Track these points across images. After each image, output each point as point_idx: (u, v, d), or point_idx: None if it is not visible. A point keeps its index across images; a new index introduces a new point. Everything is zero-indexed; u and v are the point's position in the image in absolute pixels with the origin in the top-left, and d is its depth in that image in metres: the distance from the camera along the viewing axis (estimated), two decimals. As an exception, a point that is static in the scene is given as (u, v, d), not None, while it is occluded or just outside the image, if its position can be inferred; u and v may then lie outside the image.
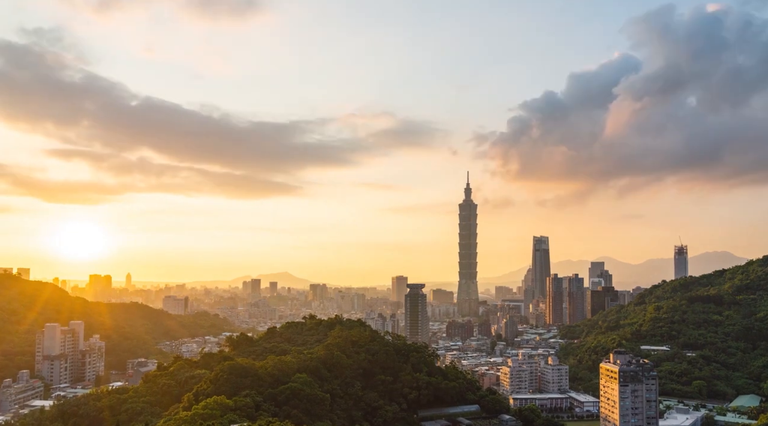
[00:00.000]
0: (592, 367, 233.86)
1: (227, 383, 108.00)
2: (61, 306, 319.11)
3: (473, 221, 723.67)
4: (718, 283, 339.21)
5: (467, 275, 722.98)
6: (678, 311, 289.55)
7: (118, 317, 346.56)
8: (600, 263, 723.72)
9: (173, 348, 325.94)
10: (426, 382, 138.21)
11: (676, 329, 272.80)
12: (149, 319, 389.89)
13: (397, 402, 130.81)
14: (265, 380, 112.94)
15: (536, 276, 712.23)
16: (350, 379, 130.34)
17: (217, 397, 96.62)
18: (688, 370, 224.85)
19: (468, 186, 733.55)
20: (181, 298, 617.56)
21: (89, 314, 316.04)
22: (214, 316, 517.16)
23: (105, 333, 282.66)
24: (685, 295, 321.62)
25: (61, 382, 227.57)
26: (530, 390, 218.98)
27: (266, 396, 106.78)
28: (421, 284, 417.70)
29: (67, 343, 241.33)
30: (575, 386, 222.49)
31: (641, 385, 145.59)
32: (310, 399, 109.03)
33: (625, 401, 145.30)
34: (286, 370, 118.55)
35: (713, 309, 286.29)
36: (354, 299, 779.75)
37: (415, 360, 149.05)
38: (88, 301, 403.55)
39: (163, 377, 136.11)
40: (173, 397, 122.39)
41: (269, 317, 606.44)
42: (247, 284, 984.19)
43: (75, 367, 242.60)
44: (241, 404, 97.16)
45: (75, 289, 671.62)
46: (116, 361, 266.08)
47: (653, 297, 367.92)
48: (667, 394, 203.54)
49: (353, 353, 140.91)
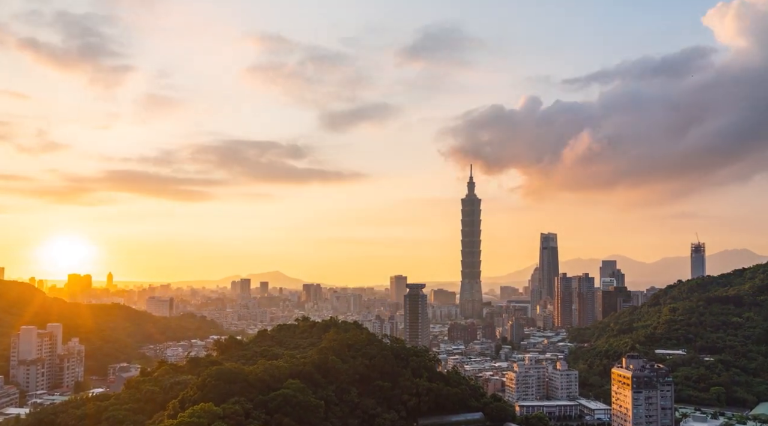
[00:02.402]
0: (603, 372, 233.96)
1: (215, 389, 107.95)
2: (37, 307, 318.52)
3: (477, 217, 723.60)
4: (737, 282, 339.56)
5: (470, 275, 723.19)
6: (695, 313, 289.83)
7: (98, 319, 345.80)
8: (611, 262, 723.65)
9: (157, 352, 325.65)
10: (426, 388, 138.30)
11: (693, 332, 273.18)
12: (132, 321, 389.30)
13: (396, 409, 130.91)
14: (256, 386, 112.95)
15: (544, 275, 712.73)
16: (346, 385, 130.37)
17: (204, 405, 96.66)
18: (705, 376, 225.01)
19: (471, 179, 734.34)
20: (165, 298, 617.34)
21: (68, 316, 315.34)
22: (201, 318, 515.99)
23: (85, 336, 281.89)
24: (703, 295, 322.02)
25: (37, 388, 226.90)
26: (537, 397, 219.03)
27: (256, 403, 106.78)
28: (421, 284, 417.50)
29: (44, 347, 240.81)
30: (585, 393, 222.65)
31: (656, 391, 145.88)
32: (303, 406, 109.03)
33: (638, 409, 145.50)
34: (278, 375, 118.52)
35: (732, 310, 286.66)
36: (350, 300, 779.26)
37: (415, 365, 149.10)
38: (67, 302, 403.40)
39: (147, 383, 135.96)
40: (157, 404, 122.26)
41: (260, 319, 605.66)
42: (236, 284, 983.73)
43: (52, 372, 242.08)
44: (230, 412, 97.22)
45: (53, 289, 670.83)
46: (97, 366, 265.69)
47: (668, 298, 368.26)
48: (683, 401, 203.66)
49: (349, 357, 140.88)
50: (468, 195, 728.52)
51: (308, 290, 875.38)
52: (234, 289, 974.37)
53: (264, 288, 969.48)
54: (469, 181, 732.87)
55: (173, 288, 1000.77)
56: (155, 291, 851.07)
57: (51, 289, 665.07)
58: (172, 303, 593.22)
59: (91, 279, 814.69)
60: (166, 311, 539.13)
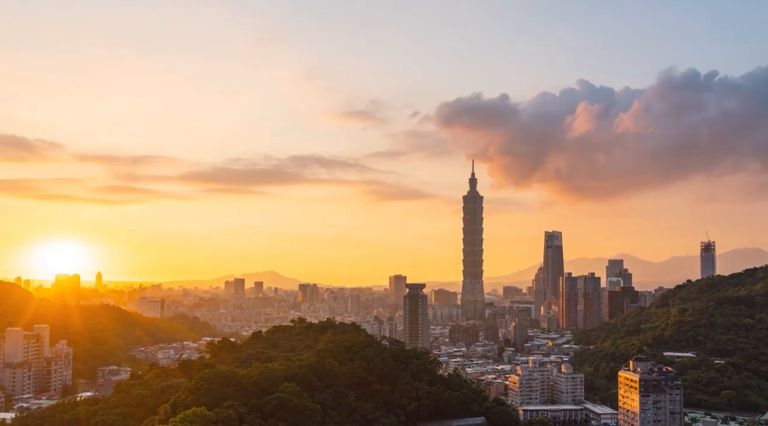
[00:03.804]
0: (609, 375, 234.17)
1: (208, 393, 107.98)
2: (23, 308, 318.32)
3: (479, 215, 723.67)
4: (749, 283, 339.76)
5: (472, 274, 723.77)
6: (705, 314, 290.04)
7: (87, 320, 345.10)
8: (618, 261, 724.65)
9: (148, 354, 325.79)
10: (427, 391, 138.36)
11: (703, 334, 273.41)
12: (122, 322, 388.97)
13: (395, 414, 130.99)
14: (250, 390, 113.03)
15: (548, 275, 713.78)
16: (343, 389, 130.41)
17: (196, 409, 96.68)
18: (716, 379, 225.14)
19: (473, 176, 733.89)
20: (156, 299, 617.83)
21: (55, 317, 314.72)
22: (194, 319, 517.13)
23: (73, 338, 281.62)
24: (713, 296, 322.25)
25: (24, 392, 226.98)
26: (541, 401, 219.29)
27: (251, 407, 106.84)
28: (421, 284, 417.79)
29: (31, 350, 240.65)
30: (591, 397, 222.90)
31: (664, 395, 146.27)
32: (298, 410, 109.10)
33: (646, 413, 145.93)
34: (273, 378, 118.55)
35: (744, 311, 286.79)
36: (347, 300, 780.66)
37: (415, 367, 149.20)
38: (54, 302, 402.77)
39: (137, 387, 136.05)
40: (148, 408, 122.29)
41: (254, 320, 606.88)
42: (230, 284, 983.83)
43: (39, 375, 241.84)
44: (223, 416, 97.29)
45: (39, 289, 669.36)
46: (85, 369, 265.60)
47: (677, 298, 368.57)
48: (692, 405, 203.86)
49: (347, 360, 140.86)
50: (470, 192, 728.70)
51: (304, 290, 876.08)
52: (227, 290, 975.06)
53: (258, 288, 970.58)
54: (470, 177, 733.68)
55: (164, 288, 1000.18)
56: (146, 291, 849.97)
57: (38, 289, 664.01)
58: (163, 304, 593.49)
59: (79, 279, 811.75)
60: (157, 312, 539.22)
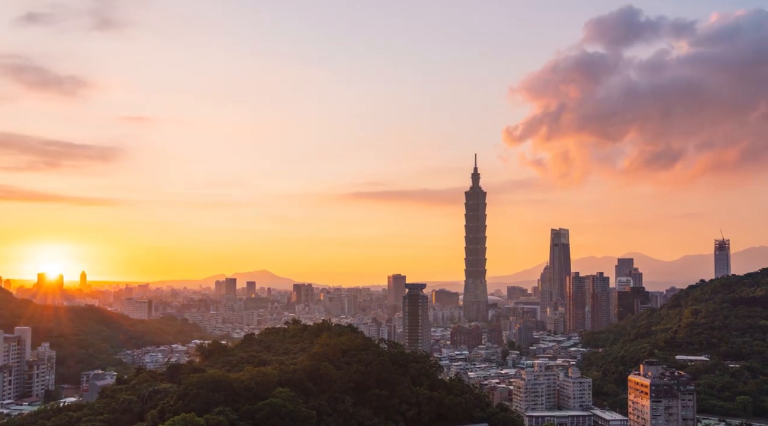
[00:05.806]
0: (619, 380, 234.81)
1: (197, 399, 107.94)
2: (4, 309, 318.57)
3: (482, 211, 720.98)
4: (765, 282, 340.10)
5: (475, 274, 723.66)
6: (719, 315, 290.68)
7: (71, 322, 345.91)
8: (628, 260, 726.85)
9: (135, 358, 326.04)
10: (427, 397, 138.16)
11: (717, 336, 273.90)
12: (107, 324, 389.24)
13: (394, 420, 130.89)
14: (242, 395, 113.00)
15: (554, 275, 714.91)
16: (339, 394, 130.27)
17: (185, 415, 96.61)
18: (730, 384, 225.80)
19: (475, 170, 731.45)
20: (144, 299, 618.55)
21: (37, 319, 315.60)
22: (183, 321, 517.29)
23: (56, 341, 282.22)
24: (727, 296, 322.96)
25: (4, 397, 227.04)
26: (547, 406, 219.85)
27: (242, 413, 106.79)
28: (421, 284, 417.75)
29: (12, 353, 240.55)
30: (600, 402, 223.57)
31: (676, 400, 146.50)
32: (293, 417, 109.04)
33: (657, 419, 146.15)
34: (266, 383, 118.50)
35: (760, 313, 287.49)
36: (344, 301, 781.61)
37: (415, 372, 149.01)
38: (36, 303, 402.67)
39: (124, 392, 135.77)
40: (135, 414, 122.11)
41: (246, 322, 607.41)
42: (221, 284, 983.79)
43: (20, 380, 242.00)
44: (214, 423, 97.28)
45: (21, 289, 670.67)
46: (69, 374, 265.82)
47: (690, 299, 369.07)
48: (706, 411, 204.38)
49: (343, 364, 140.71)
50: (472, 187, 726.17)
51: (299, 291, 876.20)
52: (218, 290, 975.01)
53: (251, 288, 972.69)
54: (473, 171, 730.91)
55: (152, 288, 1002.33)
56: (132, 291, 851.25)
57: (19, 289, 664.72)
58: (150, 305, 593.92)
59: (62, 279, 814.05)
60: (144, 313, 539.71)
